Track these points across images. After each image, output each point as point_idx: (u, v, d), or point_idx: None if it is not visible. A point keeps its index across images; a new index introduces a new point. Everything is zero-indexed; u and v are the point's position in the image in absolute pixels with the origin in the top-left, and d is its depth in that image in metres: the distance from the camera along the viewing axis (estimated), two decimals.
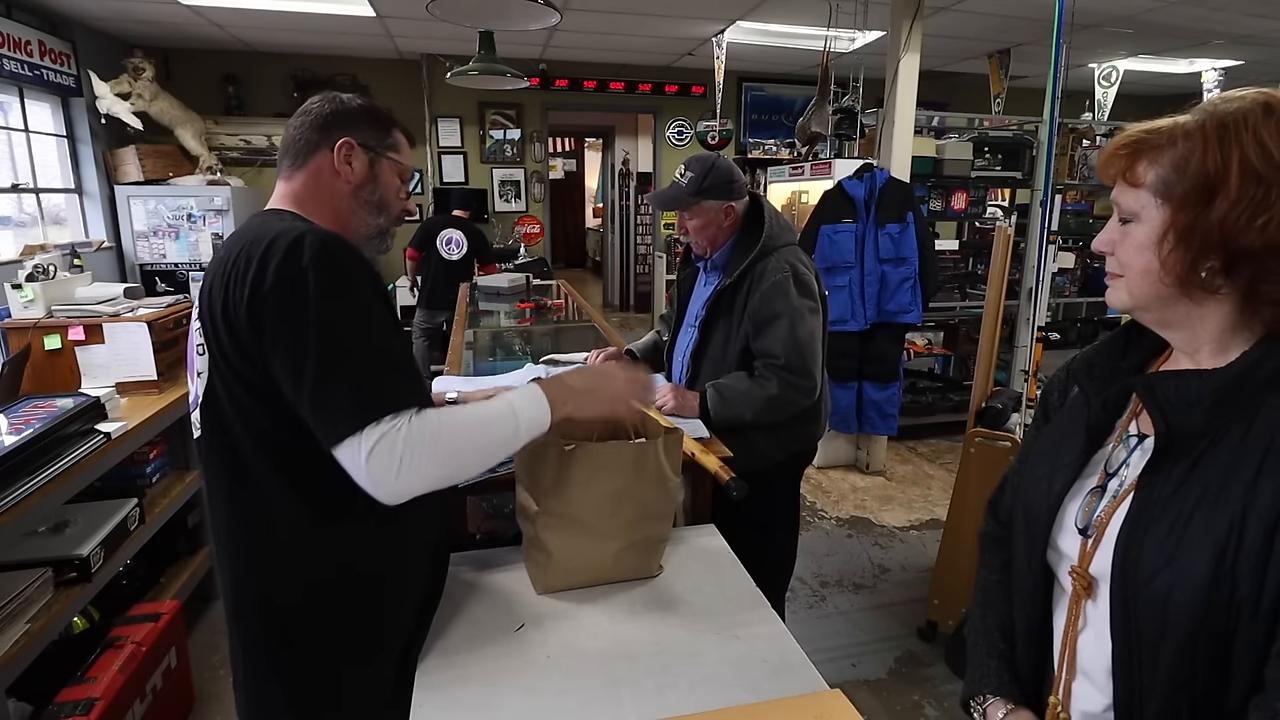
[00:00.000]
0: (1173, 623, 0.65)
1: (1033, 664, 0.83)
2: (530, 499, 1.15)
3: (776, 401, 1.70)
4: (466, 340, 2.93)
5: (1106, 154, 0.74)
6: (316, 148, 1.04)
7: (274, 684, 1.02)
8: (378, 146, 1.07)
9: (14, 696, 1.72)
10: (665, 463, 1.16)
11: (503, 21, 2.82)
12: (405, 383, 0.91)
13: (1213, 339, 0.70)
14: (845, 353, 3.72)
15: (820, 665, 1.05)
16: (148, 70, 4.90)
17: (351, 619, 1.00)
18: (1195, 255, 0.66)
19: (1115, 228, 0.73)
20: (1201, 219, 0.65)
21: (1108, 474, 0.76)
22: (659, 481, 1.16)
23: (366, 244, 1.09)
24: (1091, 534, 0.74)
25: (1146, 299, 0.71)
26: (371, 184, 1.07)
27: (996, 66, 5.64)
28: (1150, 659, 0.67)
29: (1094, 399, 0.79)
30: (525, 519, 1.19)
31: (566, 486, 1.12)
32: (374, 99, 1.16)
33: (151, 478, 2.41)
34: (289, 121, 1.08)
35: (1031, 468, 0.85)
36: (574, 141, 11.48)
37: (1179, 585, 0.64)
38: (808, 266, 1.77)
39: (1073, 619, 0.76)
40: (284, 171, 1.06)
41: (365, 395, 0.86)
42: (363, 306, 0.90)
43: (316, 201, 1.04)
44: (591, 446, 1.12)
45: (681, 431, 1.20)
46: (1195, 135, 0.66)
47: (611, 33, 5.22)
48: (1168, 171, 0.67)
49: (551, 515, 1.13)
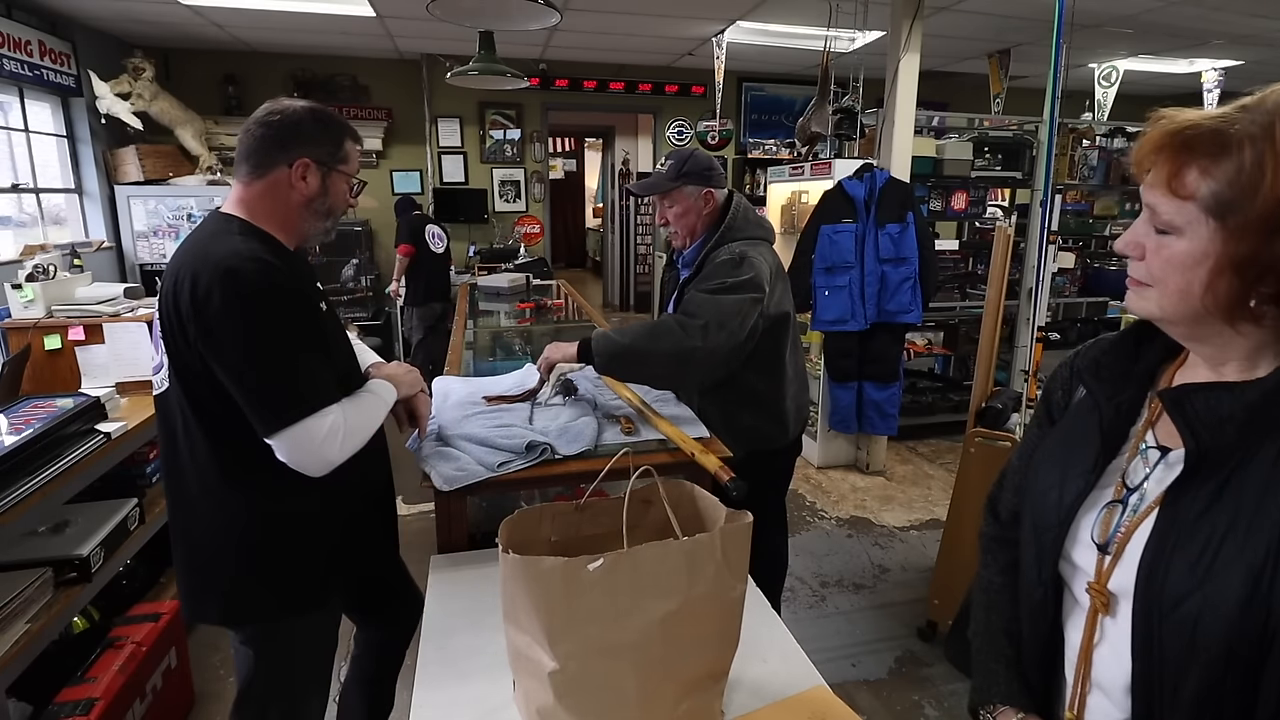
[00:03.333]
0: (1201, 646, 0.62)
1: (1040, 672, 0.82)
2: (536, 647, 0.81)
3: (657, 329, 1.63)
4: (466, 340, 2.93)
5: (1149, 147, 0.65)
6: (275, 164, 1.20)
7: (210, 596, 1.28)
8: (330, 162, 1.24)
9: (14, 696, 1.72)
10: (727, 564, 0.85)
11: (503, 21, 2.82)
12: (321, 386, 1.15)
13: (1244, 356, 0.66)
14: (845, 353, 3.72)
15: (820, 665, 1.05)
16: (148, 70, 4.89)
17: (269, 551, 1.24)
18: (1248, 287, 0.60)
19: (1148, 233, 0.66)
20: (1265, 251, 0.59)
21: (1127, 487, 0.72)
22: (720, 590, 0.85)
23: (313, 239, 1.30)
24: (1111, 550, 0.71)
25: (1181, 315, 0.66)
26: (323, 196, 1.25)
27: (996, 66, 5.63)
28: (1173, 680, 0.65)
29: (1105, 404, 0.75)
30: (530, 678, 0.85)
31: (598, 620, 0.79)
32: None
33: (151, 478, 2.41)
34: (245, 126, 1.22)
35: (1040, 474, 0.81)
36: (574, 141, 11.47)
37: (1210, 609, 0.62)
38: (764, 260, 1.74)
39: (1089, 634, 0.74)
40: (242, 177, 1.21)
41: (288, 399, 1.11)
42: (287, 327, 1.13)
43: (270, 211, 1.22)
44: (629, 554, 0.79)
45: (750, 518, 0.89)
46: (1262, 145, 0.58)
47: (611, 33, 5.22)
48: (1225, 189, 0.60)
49: (578, 668, 0.80)
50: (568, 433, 1.52)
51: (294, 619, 1.29)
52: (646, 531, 0.98)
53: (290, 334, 1.13)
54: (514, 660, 0.89)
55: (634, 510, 0.92)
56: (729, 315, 1.63)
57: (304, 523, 1.25)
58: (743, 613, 0.90)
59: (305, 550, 1.26)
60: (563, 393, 1.78)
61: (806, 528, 3.35)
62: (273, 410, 1.10)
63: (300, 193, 1.22)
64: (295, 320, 1.15)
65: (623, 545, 0.80)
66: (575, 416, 1.60)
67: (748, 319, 1.67)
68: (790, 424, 1.91)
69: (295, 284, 1.16)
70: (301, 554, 1.26)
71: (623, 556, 0.79)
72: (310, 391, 1.13)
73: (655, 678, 0.83)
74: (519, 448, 1.42)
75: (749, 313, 1.68)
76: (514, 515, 0.92)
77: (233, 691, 2.28)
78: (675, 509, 0.92)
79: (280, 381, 1.11)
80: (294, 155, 1.20)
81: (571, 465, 1.44)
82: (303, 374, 1.13)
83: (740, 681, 0.98)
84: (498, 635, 0.89)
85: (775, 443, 1.90)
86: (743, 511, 0.90)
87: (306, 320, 1.17)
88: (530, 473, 1.40)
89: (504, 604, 0.85)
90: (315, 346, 1.18)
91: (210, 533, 1.22)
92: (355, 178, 1.30)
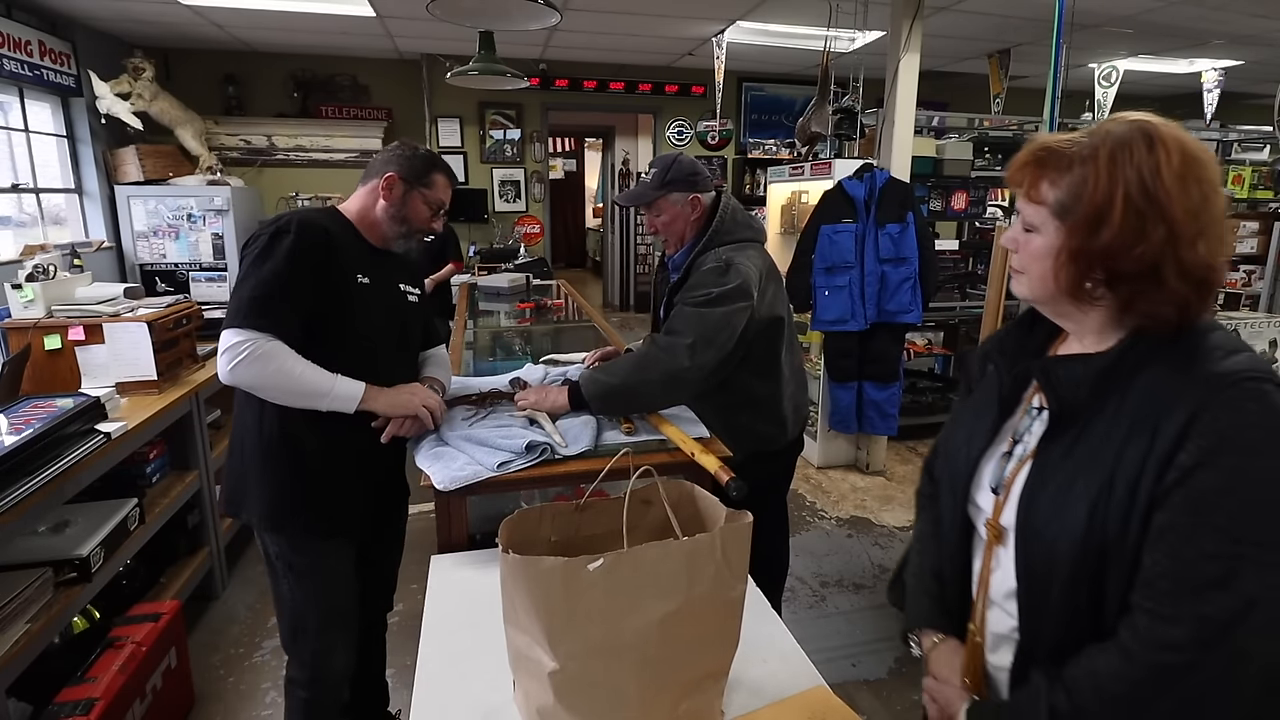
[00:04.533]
0: (1060, 563, 0.78)
1: (960, 601, 0.96)
2: (536, 647, 0.81)
3: (644, 360, 1.61)
4: (466, 340, 2.93)
5: (1016, 164, 0.83)
6: (377, 174, 1.52)
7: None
8: (414, 182, 1.53)
9: (14, 696, 1.72)
10: (727, 564, 0.85)
11: (503, 21, 2.82)
12: (277, 317, 1.34)
13: (1095, 331, 0.83)
14: (845, 353, 3.72)
15: (820, 665, 1.05)
16: (148, 70, 4.89)
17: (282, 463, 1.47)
18: (1082, 273, 0.78)
19: (1020, 232, 0.84)
20: (1089, 244, 0.76)
21: (1014, 440, 0.89)
22: (720, 590, 0.85)
23: (394, 243, 1.58)
24: (1001, 492, 0.87)
25: (1042, 297, 0.84)
26: (400, 206, 1.53)
27: (996, 66, 5.64)
28: (1044, 591, 0.81)
29: (1005, 375, 0.92)
30: (530, 678, 0.86)
31: (598, 620, 0.79)
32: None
33: (151, 478, 2.41)
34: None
35: (954, 435, 0.99)
36: (574, 141, 11.47)
37: (1065, 534, 0.78)
38: (752, 263, 1.72)
39: (987, 561, 0.90)
40: (359, 183, 1.57)
41: (245, 308, 1.33)
42: (275, 263, 1.35)
43: (359, 209, 1.54)
44: (629, 554, 0.79)
45: (750, 518, 0.88)
46: (1090, 164, 0.76)
47: (611, 33, 5.22)
48: (1065, 196, 0.78)
49: (579, 668, 0.80)
50: (568, 433, 1.52)
51: (301, 539, 1.51)
52: (646, 531, 0.97)
53: (280, 267, 1.35)
54: (514, 660, 0.89)
55: (634, 510, 0.91)
56: (716, 329, 1.63)
57: (295, 443, 1.45)
58: (743, 613, 0.90)
59: (305, 470, 1.46)
60: None
61: (806, 528, 3.35)
62: (229, 313, 1.35)
63: (384, 199, 1.51)
64: (296, 262, 1.36)
65: (623, 545, 0.80)
66: (575, 416, 1.60)
67: (736, 329, 1.66)
68: (789, 425, 1.90)
69: (327, 246, 1.42)
70: (302, 473, 1.46)
71: (623, 557, 0.78)
72: (250, 311, 1.32)
73: (655, 678, 0.83)
74: (519, 448, 1.42)
75: (737, 323, 1.66)
76: (514, 515, 0.92)
77: (233, 692, 2.29)
78: (675, 509, 0.92)
79: (241, 294, 1.34)
80: (387, 171, 1.51)
81: (571, 465, 1.44)
82: (259, 297, 1.33)
83: (740, 681, 0.98)
84: (498, 635, 0.89)
85: (774, 444, 1.89)
86: (743, 511, 0.90)
87: (308, 268, 1.38)
88: (530, 473, 1.40)
89: (504, 604, 0.85)
90: (294, 285, 1.37)
91: (238, 436, 1.50)
92: (436, 201, 1.56)
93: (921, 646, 1.01)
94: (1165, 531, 0.72)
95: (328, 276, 1.42)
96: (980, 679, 0.92)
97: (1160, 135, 0.75)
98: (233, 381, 1.34)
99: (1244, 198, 5.16)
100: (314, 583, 1.53)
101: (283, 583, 1.53)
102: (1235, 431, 0.71)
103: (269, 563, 1.55)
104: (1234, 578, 0.69)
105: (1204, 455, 0.71)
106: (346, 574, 1.59)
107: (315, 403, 1.38)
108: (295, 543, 1.51)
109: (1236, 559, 0.70)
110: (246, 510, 1.50)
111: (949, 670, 0.95)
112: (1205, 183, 0.75)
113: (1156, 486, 0.73)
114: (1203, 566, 0.70)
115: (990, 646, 0.91)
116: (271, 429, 1.45)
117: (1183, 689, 0.71)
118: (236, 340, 1.31)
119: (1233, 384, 0.72)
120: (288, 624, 1.56)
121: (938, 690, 0.96)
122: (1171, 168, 0.74)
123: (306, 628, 1.55)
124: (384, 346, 1.54)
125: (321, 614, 1.55)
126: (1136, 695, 0.73)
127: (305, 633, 1.55)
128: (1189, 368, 0.75)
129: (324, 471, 1.48)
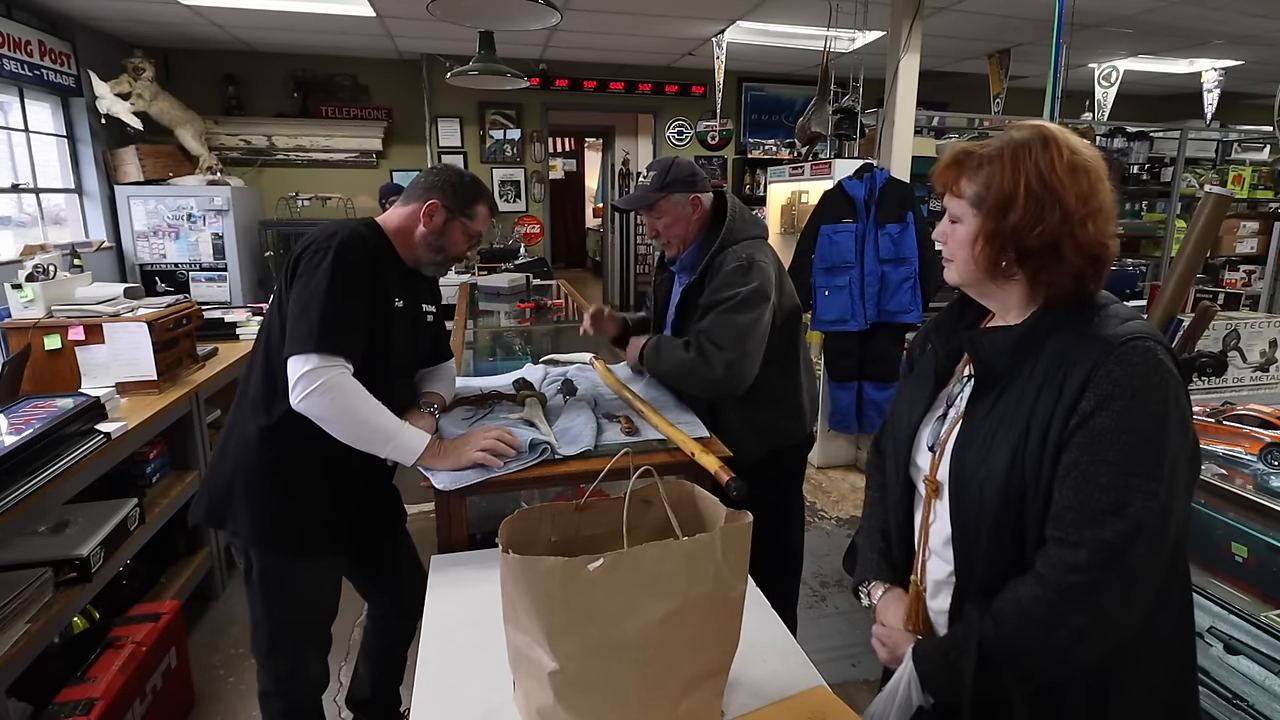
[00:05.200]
0: (987, 508, 0.90)
1: (904, 555, 1.08)
2: (536, 647, 0.81)
3: (685, 365, 1.69)
4: (466, 340, 2.93)
5: (940, 168, 0.97)
6: (420, 198, 1.49)
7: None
8: (457, 211, 1.50)
9: (14, 696, 1.72)
10: (727, 564, 0.84)
11: (503, 21, 2.82)
12: (347, 344, 1.32)
13: (1015, 306, 0.96)
14: (845, 353, 3.72)
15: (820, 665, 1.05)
16: (148, 70, 4.89)
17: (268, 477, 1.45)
18: (996, 252, 0.91)
19: (947, 224, 0.97)
20: (1000, 226, 0.90)
21: (948, 405, 1.02)
22: (720, 590, 0.85)
23: (426, 269, 1.56)
24: (936, 450, 0.99)
25: (968, 279, 0.97)
26: (439, 234, 1.50)
27: (996, 66, 5.63)
28: (975, 534, 0.92)
29: (940, 351, 1.06)
30: (530, 678, 0.85)
31: (598, 620, 0.79)
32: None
33: (151, 478, 2.41)
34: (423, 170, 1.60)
35: (898, 406, 1.12)
36: (574, 141, 11.47)
37: (990, 480, 0.89)
38: (769, 260, 1.76)
39: (926, 514, 1.02)
40: (400, 201, 1.53)
41: (318, 334, 1.29)
42: (343, 286, 1.33)
43: (398, 229, 1.50)
44: (629, 554, 0.78)
45: (750, 518, 0.88)
46: (998, 161, 0.90)
47: (611, 33, 5.21)
48: (980, 188, 0.92)
49: (578, 668, 0.80)
50: (568, 433, 1.52)
51: (289, 558, 1.48)
52: (646, 531, 0.97)
53: (348, 291, 1.33)
54: (514, 660, 0.89)
55: (634, 510, 0.91)
56: (748, 335, 1.68)
57: (299, 464, 1.43)
58: (743, 613, 0.90)
59: (302, 490, 1.45)
60: (563, 392, 1.78)
61: (806, 528, 3.33)
62: (299, 334, 1.30)
63: (424, 225, 1.48)
64: (360, 286, 1.36)
65: (623, 545, 0.80)
66: (575, 416, 1.60)
67: (766, 330, 1.72)
68: (807, 417, 1.93)
69: (378, 267, 1.42)
70: (299, 494, 1.45)
71: (623, 556, 0.78)
72: (324, 337, 1.29)
73: (655, 678, 0.83)
74: (519, 448, 1.42)
75: (765, 325, 1.71)
76: (514, 515, 0.92)
77: (233, 692, 2.29)
78: (675, 509, 0.92)
79: (311, 317, 1.30)
80: (430, 197, 1.48)
81: (571, 465, 1.43)
82: (330, 323, 1.30)
83: (740, 681, 0.98)
84: (498, 635, 0.89)
85: (795, 437, 1.92)
86: (743, 511, 0.90)
87: (367, 292, 1.38)
88: (530, 473, 1.40)
89: (504, 604, 0.85)
90: (360, 310, 1.37)
91: (232, 445, 1.48)
92: (475, 232, 1.55)
93: (871, 597, 1.12)
94: (1070, 469, 0.84)
95: (375, 301, 1.41)
96: (923, 623, 1.02)
97: (1054, 137, 0.89)
98: (303, 411, 1.30)
99: (1244, 198, 5.14)
100: (297, 599, 1.51)
101: (263, 597, 1.49)
102: (1125, 380, 0.83)
103: (248, 577, 1.49)
104: (1125, 505, 0.81)
105: (1100, 402, 0.83)
106: (331, 589, 1.57)
107: (376, 448, 1.34)
108: (284, 560, 1.48)
109: (1127, 490, 0.81)
110: (232, 524, 1.46)
111: (895, 616, 1.05)
112: (1092, 174, 0.89)
113: (1063, 432, 0.85)
114: (1100, 497, 0.82)
115: (931, 593, 1.02)
116: (276, 449, 1.41)
117: (1090, 606, 0.82)
118: (309, 369, 1.27)
119: (1125, 343, 0.84)
120: (265, 637, 1.52)
121: (886, 635, 1.06)
122: (1063, 162, 0.88)
123: (284, 641, 1.53)
124: (398, 366, 1.53)
125: (302, 628, 1.54)
126: (1052, 615, 0.84)
127: (283, 646, 1.53)
128: (1091, 331, 0.88)
129: (322, 493, 1.46)
